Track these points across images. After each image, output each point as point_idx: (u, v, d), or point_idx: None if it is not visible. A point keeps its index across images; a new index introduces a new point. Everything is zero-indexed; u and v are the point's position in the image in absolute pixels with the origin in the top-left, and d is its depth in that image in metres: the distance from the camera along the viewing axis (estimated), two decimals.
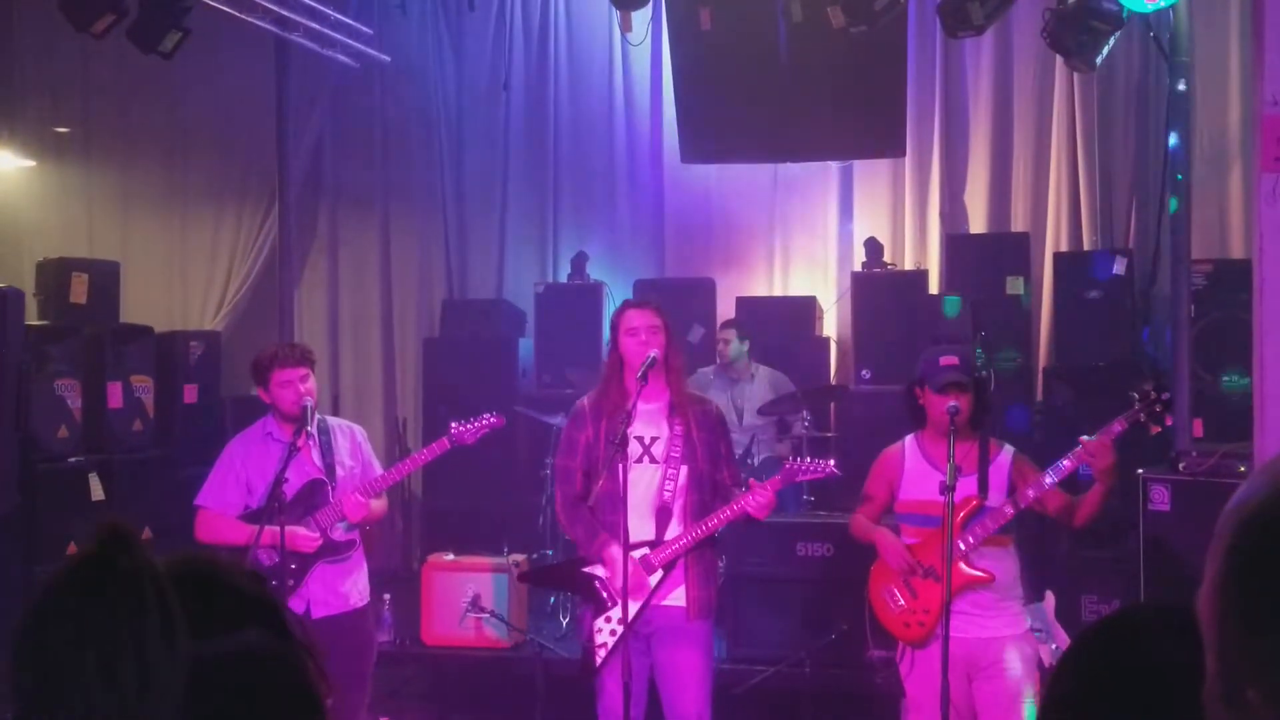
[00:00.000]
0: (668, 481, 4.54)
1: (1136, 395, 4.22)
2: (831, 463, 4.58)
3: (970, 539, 4.29)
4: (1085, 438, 4.20)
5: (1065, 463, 4.23)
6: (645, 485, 4.55)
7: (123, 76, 9.01)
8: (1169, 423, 4.25)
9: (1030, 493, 4.27)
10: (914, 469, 4.50)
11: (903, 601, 4.44)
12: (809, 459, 4.65)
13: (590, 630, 4.57)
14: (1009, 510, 4.29)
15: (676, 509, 4.54)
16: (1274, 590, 0.99)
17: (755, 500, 4.42)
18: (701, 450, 4.57)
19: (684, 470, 4.55)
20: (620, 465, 4.41)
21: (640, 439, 4.57)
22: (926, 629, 4.36)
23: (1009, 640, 4.34)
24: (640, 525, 4.53)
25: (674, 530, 4.53)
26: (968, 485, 4.33)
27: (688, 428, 4.57)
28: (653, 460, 4.57)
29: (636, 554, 4.51)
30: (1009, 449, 4.49)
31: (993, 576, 4.30)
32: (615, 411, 4.52)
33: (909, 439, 4.57)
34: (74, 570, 1.14)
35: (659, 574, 4.50)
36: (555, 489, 4.87)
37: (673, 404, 4.59)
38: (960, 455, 4.29)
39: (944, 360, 4.43)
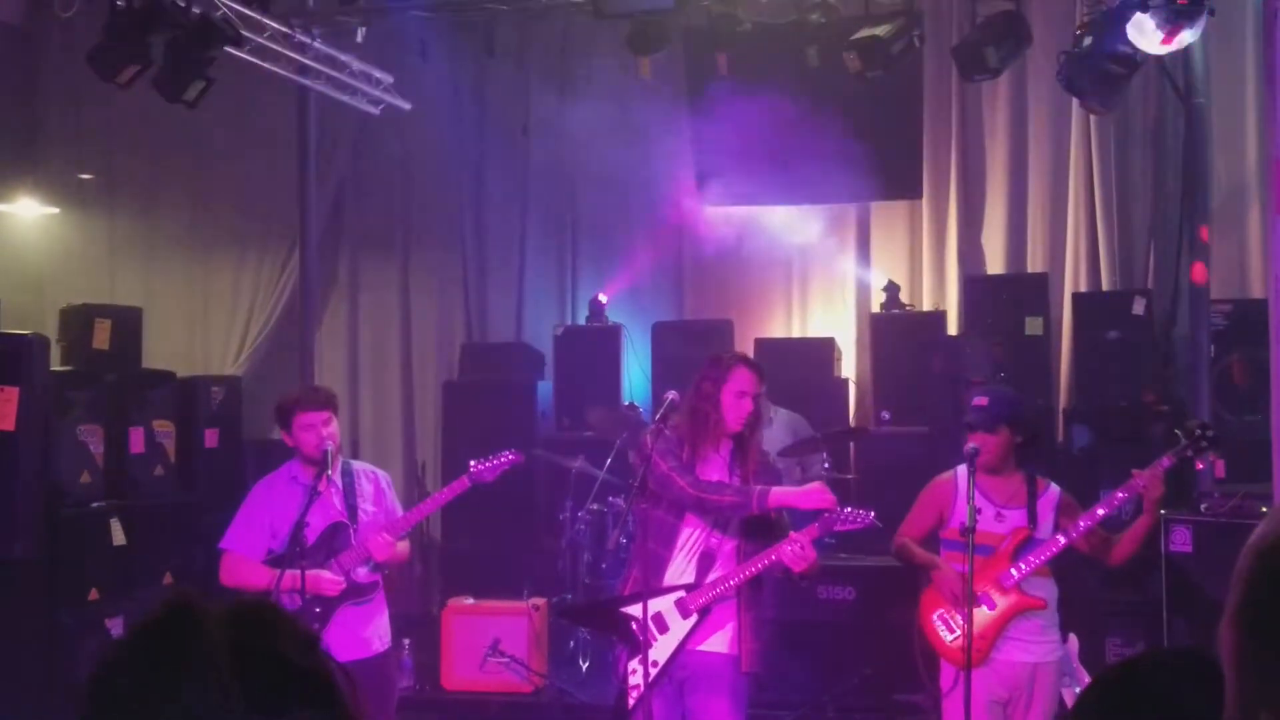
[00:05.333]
0: (717, 528, 4.56)
1: (1181, 432, 4.33)
2: (872, 514, 4.54)
3: (1023, 567, 4.46)
4: (1136, 470, 4.34)
5: (1119, 494, 4.36)
6: (699, 530, 4.57)
7: (146, 124, 9.11)
8: (1213, 458, 4.40)
9: (1083, 523, 4.41)
10: (964, 500, 4.53)
11: (957, 631, 4.55)
12: (848, 508, 4.56)
13: (624, 671, 4.54)
14: (1061, 540, 4.44)
15: (721, 557, 4.55)
16: None
17: (790, 549, 4.39)
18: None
19: (736, 519, 4.56)
20: (641, 507, 4.45)
21: None
22: (981, 654, 4.50)
23: (1048, 667, 4.54)
24: (684, 568, 4.56)
25: (714, 576, 4.53)
26: (1017, 517, 4.52)
27: (746, 479, 4.58)
28: None
29: (672, 597, 4.51)
30: (1055, 487, 4.64)
31: (1045, 603, 4.48)
32: (689, 451, 4.56)
33: (961, 468, 4.62)
34: (144, 646, 1.15)
35: (694, 619, 4.49)
36: (679, 480, 4.51)
37: (736, 452, 4.61)
38: (1010, 491, 4.50)
39: (975, 401, 4.60)
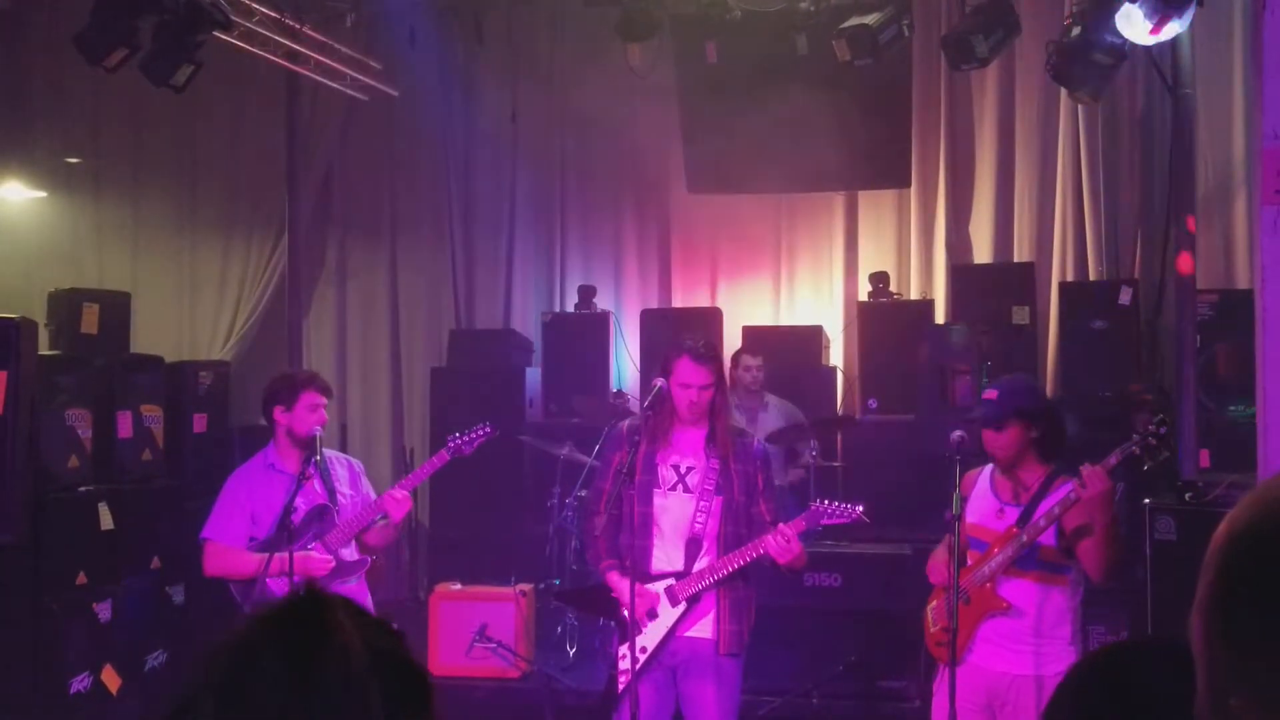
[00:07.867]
0: (699, 513, 4.51)
1: (1136, 429, 4.24)
2: (860, 509, 4.48)
3: (994, 567, 4.29)
4: (1086, 465, 4.14)
5: (1071, 494, 4.20)
6: (677, 515, 4.54)
7: (134, 108, 9.08)
8: (1165, 457, 4.26)
9: (1041, 523, 4.23)
10: (978, 494, 4.48)
11: (939, 622, 4.47)
12: (836, 502, 4.53)
13: (616, 657, 4.55)
14: (1024, 538, 4.25)
15: (708, 541, 4.52)
16: (1255, 604, 1.02)
17: (776, 542, 4.36)
18: (738, 482, 4.53)
19: (718, 502, 4.52)
20: (629, 494, 4.42)
21: (676, 468, 4.57)
22: (957, 652, 4.33)
23: (1033, 681, 4.24)
24: (670, 555, 4.53)
25: (703, 562, 4.51)
26: (1013, 515, 4.34)
27: (725, 460, 4.54)
28: (687, 490, 4.55)
29: (662, 584, 4.52)
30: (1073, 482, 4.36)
31: (1009, 606, 4.26)
32: (651, 439, 4.55)
33: (990, 465, 4.51)
34: (282, 637, 1.16)
35: (683, 606, 4.49)
36: (588, 508, 4.85)
37: (710, 435, 4.58)
38: (1019, 488, 4.34)
39: (985, 394, 4.45)
